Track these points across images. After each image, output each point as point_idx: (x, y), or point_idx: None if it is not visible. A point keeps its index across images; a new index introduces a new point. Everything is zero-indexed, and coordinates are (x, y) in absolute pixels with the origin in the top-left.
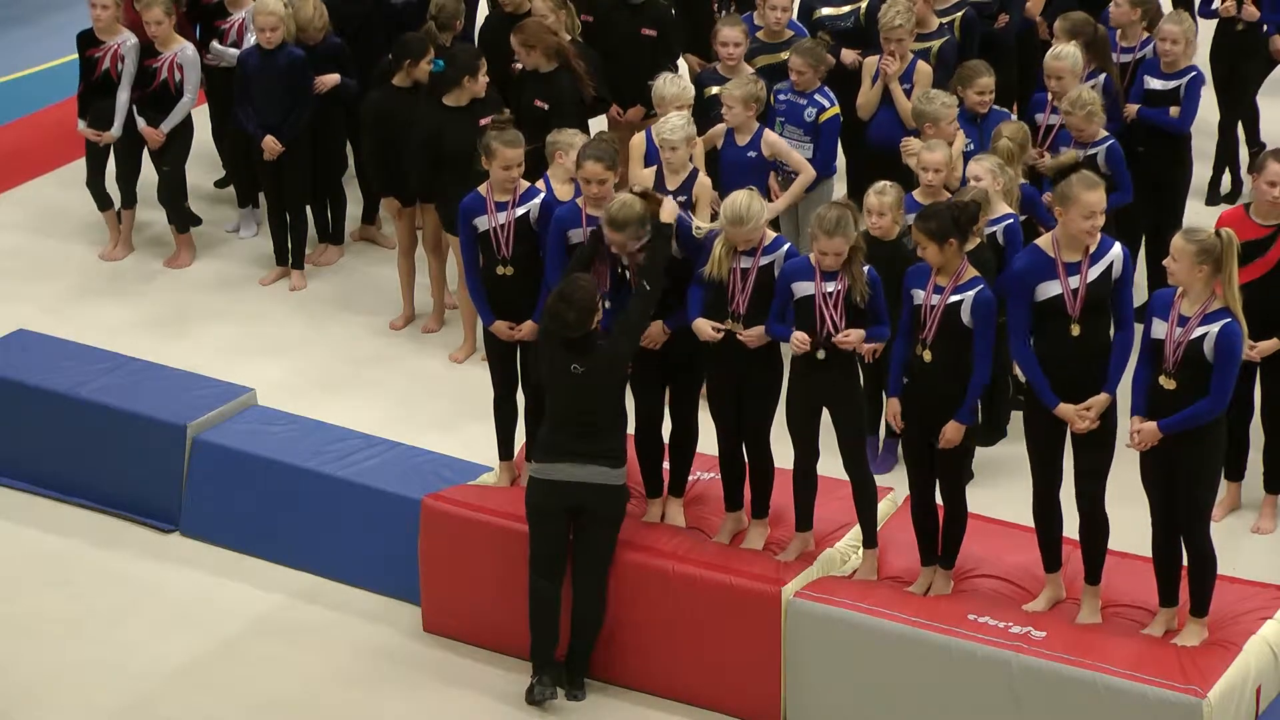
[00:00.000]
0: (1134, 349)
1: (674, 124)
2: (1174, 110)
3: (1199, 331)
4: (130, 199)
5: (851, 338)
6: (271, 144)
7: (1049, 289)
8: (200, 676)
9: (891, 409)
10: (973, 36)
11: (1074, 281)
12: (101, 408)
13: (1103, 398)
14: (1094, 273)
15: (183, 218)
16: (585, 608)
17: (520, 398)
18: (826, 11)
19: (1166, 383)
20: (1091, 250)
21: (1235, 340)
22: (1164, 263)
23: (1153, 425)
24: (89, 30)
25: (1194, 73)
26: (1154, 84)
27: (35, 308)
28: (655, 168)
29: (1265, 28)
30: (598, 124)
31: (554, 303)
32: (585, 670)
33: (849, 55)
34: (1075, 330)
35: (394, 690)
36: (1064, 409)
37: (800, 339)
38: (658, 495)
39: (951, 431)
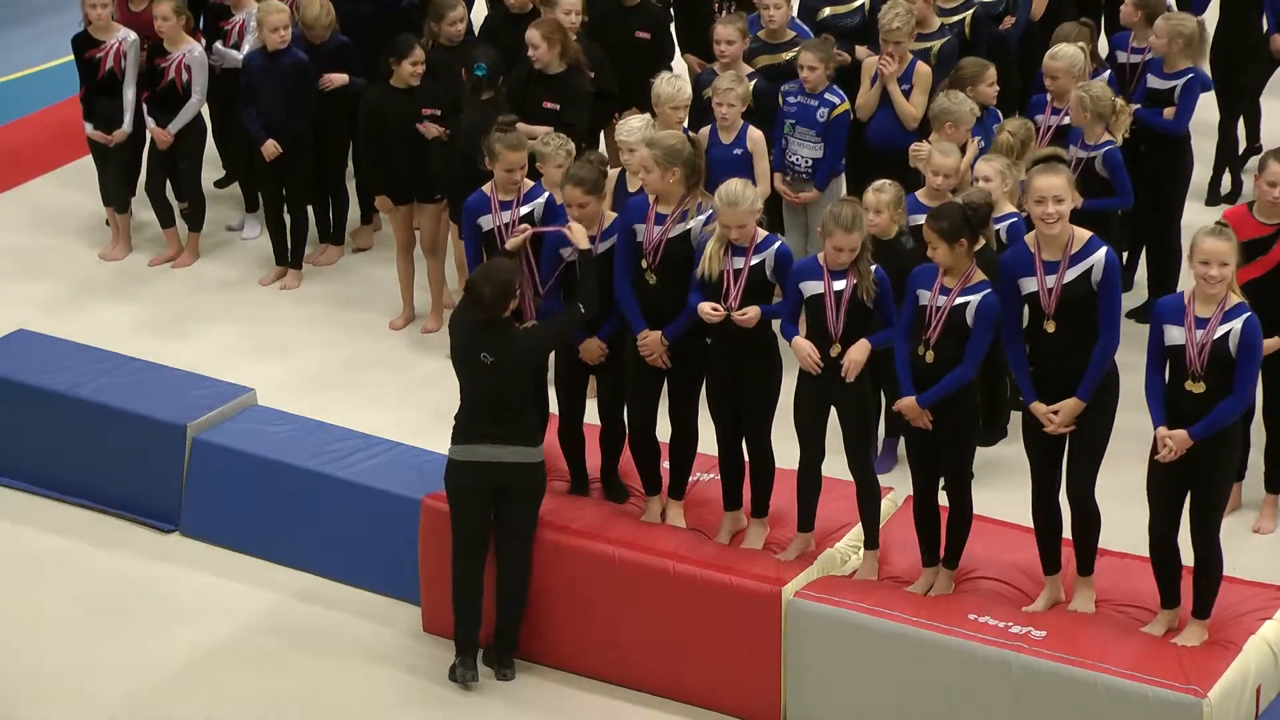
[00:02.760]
0: (1132, 358)
1: (631, 126)
2: (1169, 111)
3: (1222, 330)
4: (127, 200)
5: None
6: (271, 148)
7: (1028, 284)
8: (200, 676)
9: (912, 410)
10: (981, 36)
11: (1050, 280)
12: (101, 408)
13: (1072, 403)
14: (1072, 274)
15: (197, 215)
16: (510, 584)
17: None
18: (830, 11)
19: (1194, 387)
20: (1073, 251)
21: (1259, 333)
22: (1209, 271)
23: (1183, 434)
24: (83, 32)
25: (1192, 74)
26: (1155, 83)
27: (35, 308)
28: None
29: (1265, 27)
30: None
31: (474, 278)
32: (514, 648)
33: (862, 51)
34: (1050, 327)
35: (393, 690)
36: (1036, 406)
37: (808, 352)
38: (656, 492)
39: (903, 405)
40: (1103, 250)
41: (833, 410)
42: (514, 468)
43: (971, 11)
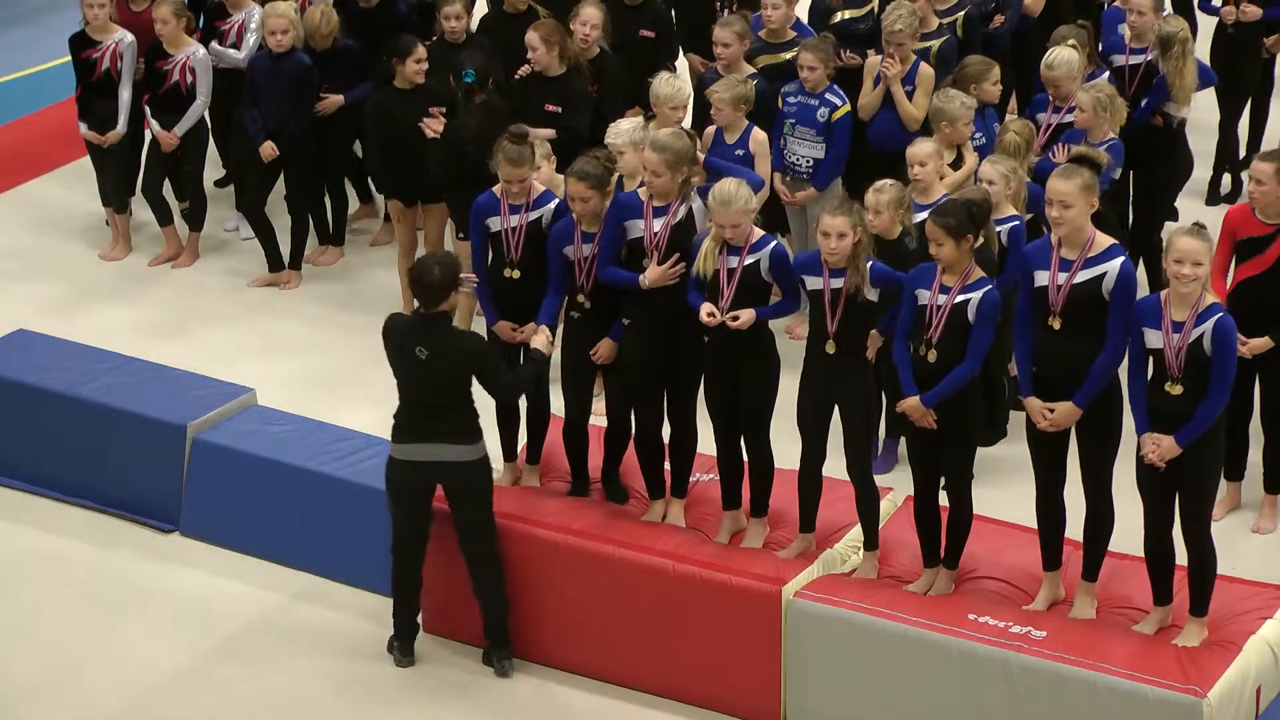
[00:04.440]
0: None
1: (620, 129)
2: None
3: (1196, 332)
4: (126, 201)
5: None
6: (269, 150)
7: (1041, 278)
8: (200, 676)
9: (917, 410)
10: (975, 34)
11: (1061, 277)
12: (101, 408)
13: (1068, 407)
14: (1084, 275)
15: (199, 215)
16: (484, 585)
17: (522, 398)
18: (846, 15)
19: (1173, 388)
20: (1090, 254)
21: (1231, 332)
22: (1182, 270)
23: (1171, 440)
24: (80, 32)
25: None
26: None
27: (35, 308)
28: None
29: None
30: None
31: (423, 259)
32: (508, 644)
33: (874, 60)
34: (1055, 324)
35: (393, 691)
36: (1031, 402)
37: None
38: (660, 496)
39: (908, 405)
40: (1119, 260)
41: (835, 410)
42: (454, 466)
43: (964, 11)
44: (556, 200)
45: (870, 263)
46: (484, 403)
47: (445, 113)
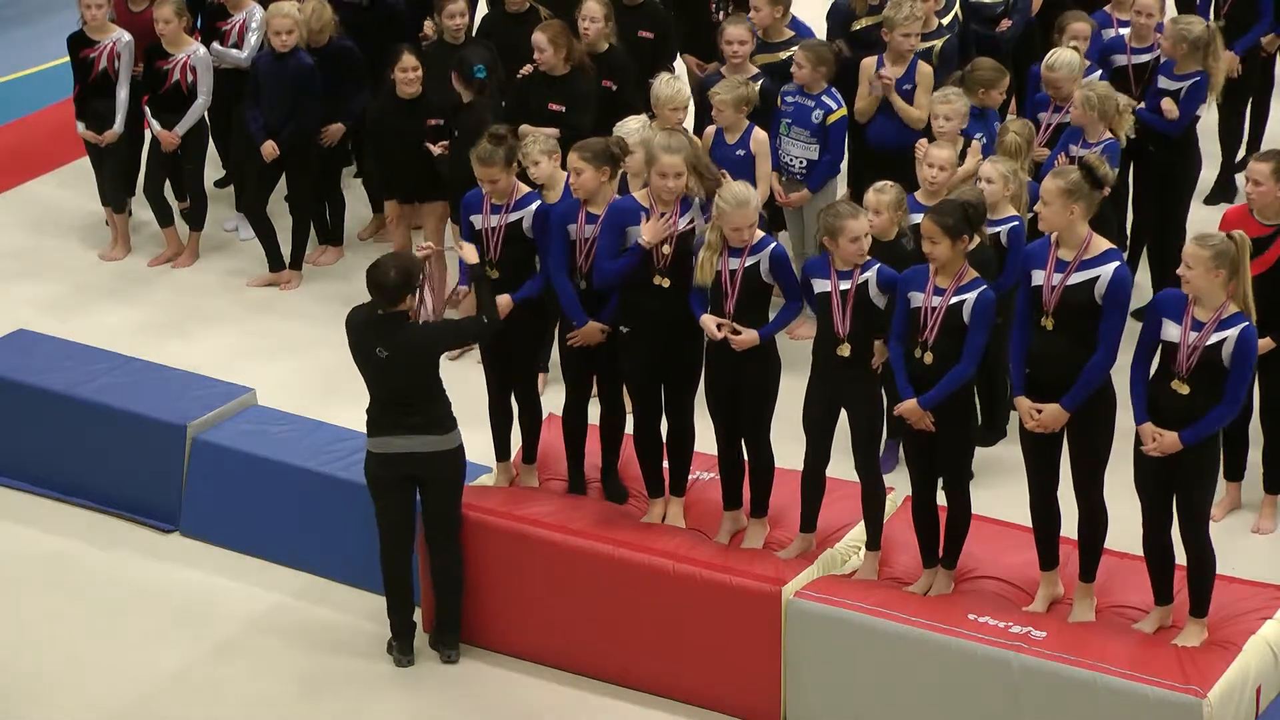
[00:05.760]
0: (1129, 359)
1: (629, 129)
2: (1167, 103)
3: (1216, 337)
4: (125, 201)
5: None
6: (270, 149)
7: (1037, 277)
8: (200, 676)
9: (915, 413)
10: (968, 35)
11: (1056, 278)
12: (101, 408)
13: (1055, 409)
14: (1077, 277)
15: (200, 215)
16: (443, 572)
17: (515, 400)
18: (866, 23)
19: (1180, 387)
20: (1085, 257)
21: (1253, 344)
22: (1178, 271)
23: (1174, 436)
24: (78, 32)
25: (1199, 77)
26: (1165, 84)
27: (35, 308)
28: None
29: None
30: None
31: (380, 261)
32: (457, 632)
33: (869, 62)
34: (1048, 324)
35: (394, 691)
36: (1021, 401)
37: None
38: (659, 495)
39: (906, 408)
40: (1113, 265)
41: (842, 412)
42: (429, 457)
43: (955, 10)
44: (539, 203)
45: (877, 266)
46: (481, 403)
47: (444, 126)
